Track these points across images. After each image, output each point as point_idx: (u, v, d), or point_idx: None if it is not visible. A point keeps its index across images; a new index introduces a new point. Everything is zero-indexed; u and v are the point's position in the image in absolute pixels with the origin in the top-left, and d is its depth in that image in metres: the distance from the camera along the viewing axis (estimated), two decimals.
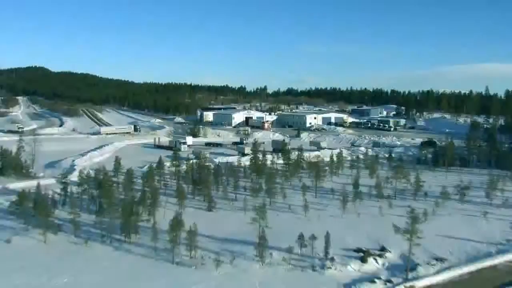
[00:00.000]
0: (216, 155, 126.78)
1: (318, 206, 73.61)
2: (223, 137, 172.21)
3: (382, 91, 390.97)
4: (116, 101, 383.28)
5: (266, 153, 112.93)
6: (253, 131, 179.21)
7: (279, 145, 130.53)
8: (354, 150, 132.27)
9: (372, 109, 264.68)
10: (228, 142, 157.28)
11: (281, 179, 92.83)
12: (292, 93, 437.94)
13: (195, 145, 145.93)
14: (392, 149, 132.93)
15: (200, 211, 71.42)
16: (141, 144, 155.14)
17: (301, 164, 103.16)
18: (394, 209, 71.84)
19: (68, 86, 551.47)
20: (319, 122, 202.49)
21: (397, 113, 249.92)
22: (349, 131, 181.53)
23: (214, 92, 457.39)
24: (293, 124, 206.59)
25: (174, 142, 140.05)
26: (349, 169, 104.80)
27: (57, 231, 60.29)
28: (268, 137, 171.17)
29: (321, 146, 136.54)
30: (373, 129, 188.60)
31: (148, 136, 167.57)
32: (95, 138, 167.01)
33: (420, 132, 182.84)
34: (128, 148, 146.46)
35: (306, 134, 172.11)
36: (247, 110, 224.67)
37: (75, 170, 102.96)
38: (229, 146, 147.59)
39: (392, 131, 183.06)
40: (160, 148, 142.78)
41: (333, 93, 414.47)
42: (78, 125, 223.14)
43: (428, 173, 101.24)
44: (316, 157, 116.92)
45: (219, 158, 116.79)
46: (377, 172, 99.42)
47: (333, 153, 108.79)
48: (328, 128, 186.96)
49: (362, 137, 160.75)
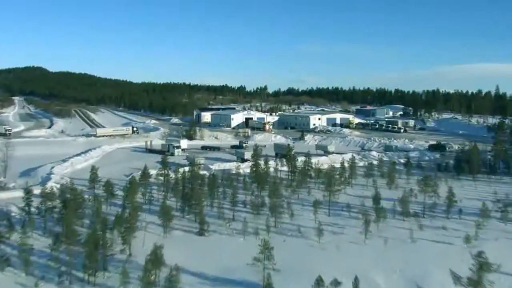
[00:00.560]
0: (213, 160, 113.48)
1: (334, 228, 60.05)
2: (221, 140, 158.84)
3: (386, 91, 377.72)
4: (112, 101, 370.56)
5: (269, 159, 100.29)
6: (253, 133, 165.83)
7: (282, 149, 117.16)
8: (365, 154, 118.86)
9: (378, 109, 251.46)
10: (227, 145, 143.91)
11: (286, 190, 79.67)
12: (293, 92, 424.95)
13: (190, 149, 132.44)
14: (407, 154, 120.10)
15: (189, 236, 57.85)
16: (132, 147, 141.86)
17: (309, 172, 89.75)
18: (426, 232, 58.64)
19: (65, 86, 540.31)
20: (323, 123, 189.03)
21: (404, 114, 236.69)
22: (356, 133, 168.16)
23: (213, 92, 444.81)
24: (296, 125, 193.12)
25: (167, 146, 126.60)
26: (363, 178, 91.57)
27: (5, 266, 46.94)
28: (269, 140, 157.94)
29: (328, 150, 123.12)
30: (381, 131, 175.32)
31: (140, 139, 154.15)
32: (83, 141, 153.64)
33: (431, 134, 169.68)
34: (117, 152, 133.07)
35: (311, 136, 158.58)
36: (246, 111, 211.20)
37: (51, 179, 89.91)
38: (227, 150, 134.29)
39: (402, 132, 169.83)
40: (152, 153, 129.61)
41: (335, 93, 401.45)
42: (69, 126, 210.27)
43: (453, 182, 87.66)
44: (324, 163, 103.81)
45: (216, 165, 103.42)
46: (396, 181, 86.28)
47: (344, 159, 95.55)
48: (334, 130, 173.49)
49: (371, 140, 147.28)
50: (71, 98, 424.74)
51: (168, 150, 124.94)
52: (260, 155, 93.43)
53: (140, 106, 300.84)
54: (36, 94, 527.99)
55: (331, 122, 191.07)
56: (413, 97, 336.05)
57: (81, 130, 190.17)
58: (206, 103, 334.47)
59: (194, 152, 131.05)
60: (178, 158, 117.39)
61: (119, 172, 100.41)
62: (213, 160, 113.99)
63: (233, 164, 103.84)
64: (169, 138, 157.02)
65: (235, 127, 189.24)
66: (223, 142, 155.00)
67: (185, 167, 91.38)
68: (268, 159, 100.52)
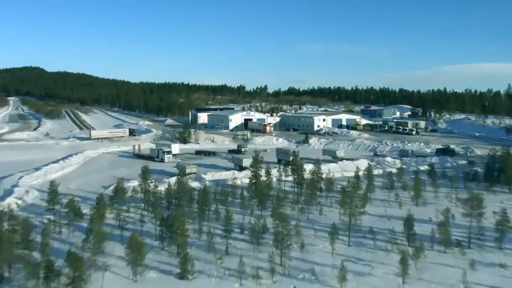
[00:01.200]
0: (207, 168, 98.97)
1: (358, 266, 45.33)
2: (218, 143, 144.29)
3: (390, 90, 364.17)
4: (108, 101, 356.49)
5: (270, 167, 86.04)
6: (252, 136, 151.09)
7: (286, 155, 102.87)
8: (379, 161, 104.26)
9: (385, 109, 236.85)
10: (224, 149, 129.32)
11: (292, 208, 65.24)
12: (294, 92, 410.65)
13: (182, 154, 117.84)
14: (428, 160, 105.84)
15: (167, 279, 43.04)
16: (119, 152, 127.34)
17: (319, 185, 75.12)
18: (480, 272, 44.07)
19: (62, 86, 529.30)
20: (328, 124, 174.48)
21: (413, 114, 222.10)
22: (365, 135, 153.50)
23: (212, 92, 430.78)
24: (299, 127, 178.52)
25: (156, 151, 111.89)
26: (382, 191, 77.05)
27: None
28: (270, 143, 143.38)
29: (337, 155, 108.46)
30: (391, 133, 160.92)
31: (129, 143, 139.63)
32: (67, 144, 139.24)
33: (445, 136, 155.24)
34: (102, 158, 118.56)
35: (315, 139, 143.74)
36: (246, 111, 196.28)
37: (14, 193, 75.53)
38: (224, 155, 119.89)
39: (414, 135, 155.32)
40: (140, 158, 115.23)
41: (337, 93, 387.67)
42: (57, 128, 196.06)
43: (488, 196, 72.95)
44: (333, 171, 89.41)
45: (210, 175, 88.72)
46: (422, 195, 71.77)
47: (358, 167, 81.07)
48: (340, 132, 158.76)
49: (383, 144, 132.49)
50: (67, 98, 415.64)
51: (157, 155, 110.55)
52: (260, 162, 79.28)
53: (135, 107, 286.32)
54: (32, 95, 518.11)
55: (337, 123, 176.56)
56: (420, 96, 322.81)
57: (69, 132, 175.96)
58: (204, 103, 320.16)
59: (187, 157, 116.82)
60: (168, 165, 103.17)
61: (98, 182, 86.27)
62: (208, 168, 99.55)
63: (230, 174, 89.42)
64: (161, 141, 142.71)
65: (233, 129, 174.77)
66: (220, 145, 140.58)
67: (171, 178, 77.19)
68: (270, 167, 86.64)
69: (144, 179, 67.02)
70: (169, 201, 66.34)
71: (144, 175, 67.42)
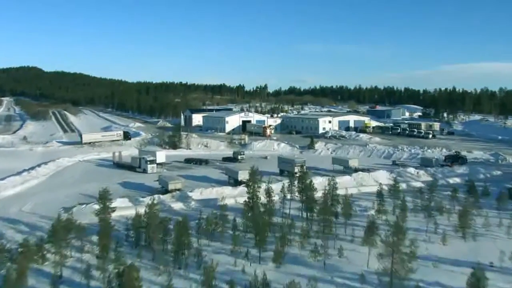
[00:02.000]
0: (196, 181, 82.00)
1: None
2: (212, 148, 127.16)
3: (395, 90, 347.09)
4: (102, 102, 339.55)
5: (272, 180, 69.84)
6: (251, 140, 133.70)
7: (289, 165, 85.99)
8: (400, 172, 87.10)
9: (393, 109, 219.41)
10: (218, 156, 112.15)
11: (302, 246, 48.24)
12: (295, 92, 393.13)
13: (169, 163, 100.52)
14: (452, 170, 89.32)
15: None
16: (98, 160, 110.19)
17: (335, 209, 57.86)
18: None
19: (57, 87, 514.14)
20: (335, 127, 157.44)
21: (424, 115, 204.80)
22: (376, 139, 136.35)
23: (210, 92, 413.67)
24: (302, 129, 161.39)
25: (137, 159, 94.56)
26: (413, 215, 60.00)
27: None
28: (271, 148, 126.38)
29: (350, 165, 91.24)
30: (405, 136, 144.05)
31: (112, 148, 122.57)
32: (41, 151, 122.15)
33: (465, 140, 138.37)
34: (76, 167, 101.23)
35: (322, 144, 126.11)
36: (244, 112, 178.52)
37: None
38: (218, 164, 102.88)
39: (430, 138, 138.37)
40: (121, 168, 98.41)
41: (339, 92, 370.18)
42: (40, 130, 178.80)
43: None
44: (347, 186, 72.48)
45: (197, 192, 71.47)
46: (470, 223, 54.68)
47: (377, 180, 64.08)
48: (349, 136, 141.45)
49: (399, 149, 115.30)
50: (61, 98, 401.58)
51: (139, 165, 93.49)
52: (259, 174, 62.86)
53: (128, 107, 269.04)
54: (27, 95, 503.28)
55: (344, 125, 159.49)
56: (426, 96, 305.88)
57: (50, 136, 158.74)
58: (201, 103, 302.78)
59: (175, 166, 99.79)
60: (151, 176, 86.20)
61: (60, 202, 69.36)
62: (197, 181, 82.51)
63: (222, 191, 72.39)
64: (148, 146, 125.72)
65: (230, 132, 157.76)
66: (214, 151, 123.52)
67: (148, 198, 60.19)
68: (271, 180, 70.28)
69: (102, 204, 49.76)
70: (138, 235, 49.42)
71: (103, 199, 50.10)
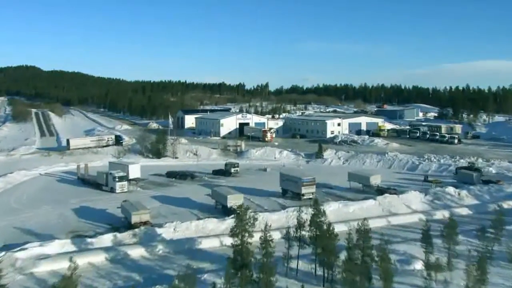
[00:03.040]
0: (173, 205, 62.34)
1: None
2: (203, 157, 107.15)
3: (403, 88, 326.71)
4: (95, 101, 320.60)
5: (271, 212, 50.76)
6: (248, 147, 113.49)
7: (295, 185, 66.06)
8: (437, 193, 67.01)
9: (406, 109, 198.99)
10: (208, 168, 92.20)
11: None
12: (298, 90, 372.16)
13: (144, 179, 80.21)
14: (501, 188, 69.53)
15: None
16: (64, 173, 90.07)
17: (367, 266, 37.81)
18: None
19: (53, 86, 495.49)
20: (344, 130, 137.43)
21: (440, 115, 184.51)
22: (394, 145, 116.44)
23: (210, 90, 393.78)
24: (307, 133, 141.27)
25: (103, 175, 74.42)
26: (465, 262, 40.01)
27: None
28: (272, 157, 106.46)
29: (371, 183, 70.88)
30: (425, 141, 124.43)
31: (86, 157, 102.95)
32: (2, 160, 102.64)
33: (497, 145, 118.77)
34: (31, 184, 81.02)
35: (332, 152, 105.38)
36: (241, 114, 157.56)
37: None
38: (207, 178, 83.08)
39: (456, 143, 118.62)
40: (86, 184, 78.65)
41: (344, 91, 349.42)
42: (15, 134, 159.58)
43: None
44: (372, 215, 52.91)
45: (169, 228, 51.41)
46: None
47: (410, 206, 44.31)
48: (362, 141, 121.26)
49: (425, 159, 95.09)
50: (55, 98, 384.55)
51: (105, 183, 73.61)
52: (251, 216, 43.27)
53: (120, 107, 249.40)
54: (22, 94, 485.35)
55: (355, 128, 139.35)
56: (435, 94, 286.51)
57: (25, 140, 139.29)
58: (199, 102, 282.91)
59: (153, 182, 79.89)
60: (120, 198, 66.53)
61: None
62: (175, 205, 62.80)
63: (204, 225, 52.48)
64: (128, 155, 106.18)
65: (226, 136, 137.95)
66: (205, 160, 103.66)
67: None
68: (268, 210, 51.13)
69: None
70: None
71: None
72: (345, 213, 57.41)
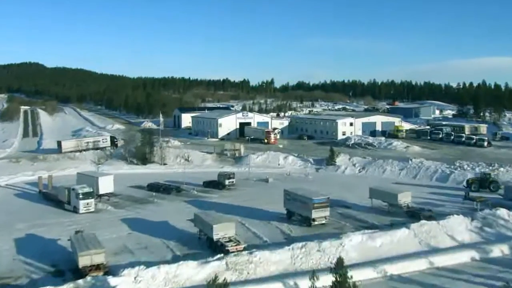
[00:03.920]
0: (145, 234, 47.31)
1: None
2: (196, 163, 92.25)
3: (415, 84, 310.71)
4: (93, 98, 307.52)
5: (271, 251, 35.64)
6: (249, 151, 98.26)
7: (303, 206, 50.76)
8: (486, 217, 51.47)
9: (422, 107, 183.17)
10: (201, 177, 77.18)
11: None
12: (304, 87, 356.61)
13: (117, 195, 65.34)
14: None
15: None
16: (27, 184, 75.37)
17: None
18: None
19: (54, 83, 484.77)
20: (357, 130, 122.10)
21: (460, 114, 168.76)
22: (415, 148, 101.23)
23: (213, 87, 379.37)
24: (316, 133, 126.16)
25: (65, 191, 59.51)
26: None
27: None
28: (275, 163, 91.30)
29: (398, 202, 55.41)
30: (449, 143, 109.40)
31: (59, 164, 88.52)
32: None
33: None
34: None
35: (345, 157, 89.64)
36: (242, 113, 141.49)
37: None
38: (195, 192, 68.07)
39: (485, 146, 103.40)
40: (48, 200, 63.99)
41: (352, 87, 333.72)
42: None
43: None
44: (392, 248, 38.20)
45: (127, 278, 36.44)
46: None
47: (458, 238, 30.36)
48: (378, 143, 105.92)
49: (456, 167, 79.54)
50: (54, 95, 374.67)
51: (67, 200, 58.86)
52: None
53: (116, 104, 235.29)
54: (23, 91, 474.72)
55: (369, 128, 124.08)
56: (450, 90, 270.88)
57: (3, 143, 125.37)
58: (200, 99, 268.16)
59: (129, 199, 64.90)
60: (82, 221, 51.99)
61: None
62: (148, 234, 47.87)
63: (177, 272, 37.52)
64: (111, 161, 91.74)
65: (225, 137, 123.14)
66: (198, 168, 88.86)
67: None
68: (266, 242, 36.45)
69: None
70: None
71: None
72: (371, 249, 42.29)
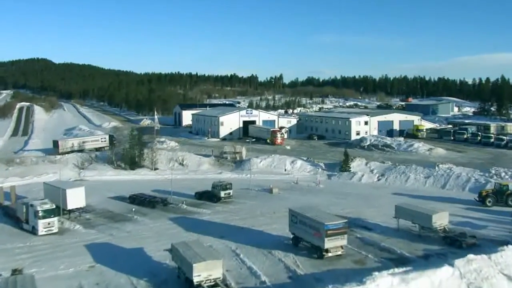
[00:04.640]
0: (109, 272, 36.13)
1: None
2: (191, 168, 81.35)
3: (429, 80, 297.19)
4: (95, 94, 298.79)
5: None
6: (251, 155, 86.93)
7: (313, 232, 39.18)
8: None
9: (440, 104, 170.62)
10: (195, 184, 66.23)
11: None
12: (314, 83, 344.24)
13: (90, 211, 54.47)
14: None
15: None
16: None
17: None
18: None
19: (60, 79, 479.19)
20: (373, 130, 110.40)
21: (481, 111, 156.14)
22: (439, 150, 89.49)
23: (220, 83, 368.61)
24: (327, 133, 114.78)
25: (23, 207, 48.74)
26: None
27: None
28: (281, 168, 79.92)
29: (433, 225, 43.81)
30: (475, 144, 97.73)
31: (36, 168, 78.09)
32: None
33: None
34: None
35: (362, 162, 77.82)
36: (246, 110, 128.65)
37: None
38: (184, 207, 56.90)
39: None
40: (8, 217, 53.23)
41: (363, 82, 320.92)
42: None
43: None
44: None
45: None
46: None
47: None
48: (397, 145, 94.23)
49: (491, 175, 67.77)
50: (59, 91, 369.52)
51: (26, 219, 48.12)
52: None
53: (118, 101, 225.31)
54: (29, 87, 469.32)
55: (385, 127, 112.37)
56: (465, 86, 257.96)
57: None
58: (206, 95, 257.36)
59: (104, 214, 53.97)
60: (40, 244, 41.37)
61: None
62: (114, 270, 36.65)
63: None
64: (95, 164, 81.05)
65: (227, 137, 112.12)
66: (193, 173, 77.95)
67: None
68: None
69: None
70: None
71: None
72: None
